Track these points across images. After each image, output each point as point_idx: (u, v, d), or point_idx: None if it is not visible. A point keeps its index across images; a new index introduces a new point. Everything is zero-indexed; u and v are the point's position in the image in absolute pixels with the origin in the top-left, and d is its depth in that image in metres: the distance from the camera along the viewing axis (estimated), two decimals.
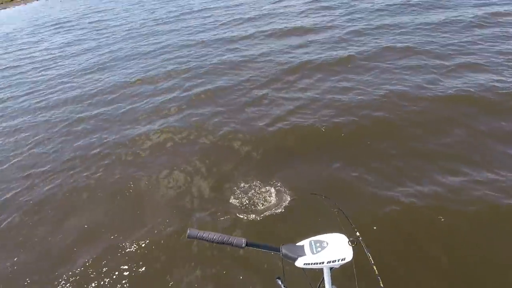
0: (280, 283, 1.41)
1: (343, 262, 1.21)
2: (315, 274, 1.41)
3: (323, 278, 1.42)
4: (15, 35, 18.39)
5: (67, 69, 9.80)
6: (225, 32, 10.26)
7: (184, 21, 12.91)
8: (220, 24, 11.31)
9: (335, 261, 1.21)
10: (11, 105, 7.79)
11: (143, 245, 3.14)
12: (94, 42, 12.56)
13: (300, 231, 2.67)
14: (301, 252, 1.26)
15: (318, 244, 1.25)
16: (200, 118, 5.32)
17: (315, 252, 1.23)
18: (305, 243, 1.29)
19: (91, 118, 6.18)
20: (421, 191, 3.20)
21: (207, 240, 1.21)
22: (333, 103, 5.04)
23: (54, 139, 5.64)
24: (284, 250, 1.27)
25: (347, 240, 1.26)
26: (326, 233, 1.32)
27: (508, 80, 4.82)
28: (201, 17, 13.07)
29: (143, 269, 2.94)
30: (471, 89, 4.72)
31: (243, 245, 1.22)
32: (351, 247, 1.23)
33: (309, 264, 1.23)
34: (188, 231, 1.21)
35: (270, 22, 10.31)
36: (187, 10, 15.06)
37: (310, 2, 11.85)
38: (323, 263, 1.22)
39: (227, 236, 1.23)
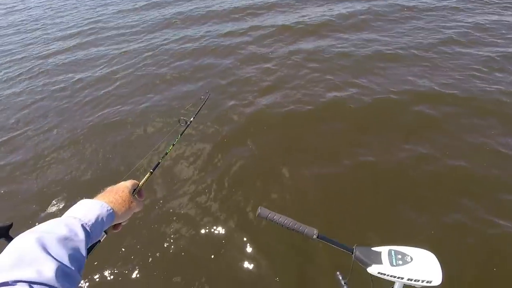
0: (340, 278, 1.30)
1: (428, 285, 1.04)
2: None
3: None
4: None
5: None
6: None
7: None
8: None
9: (418, 281, 1.05)
10: None
11: None
12: None
13: None
14: (377, 259, 1.12)
15: (399, 256, 1.10)
16: None
17: (394, 263, 1.08)
18: (383, 250, 1.14)
19: None
20: None
21: (277, 223, 1.12)
22: None
23: None
24: (357, 252, 1.13)
25: (437, 260, 1.08)
26: (410, 245, 1.15)
27: None
28: None
29: None
30: None
31: (314, 236, 1.11)
32: (440, 269, 1.06)
33: (384, 274, 1.09)
34: (259, 210, 1.13)
35: None
36: None
37: None
38: (401, 278, 1.07)
39: (299, 224, 1.12)
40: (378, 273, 1.10)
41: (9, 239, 0.77)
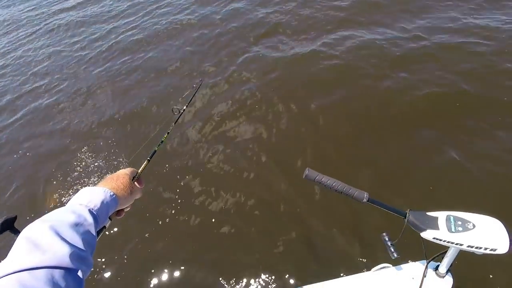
0: (386, 239, 1.27)
1: (491, 253, 0.97)
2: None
3: (444, 253, 1.23)
4: None
5: None
6: None
7: None
8: None
9: (480, 248, 0.98)
10: None
11: None
12: None
13: None
14: (432, 224, 1.06)
15: (459, 222, 1.03)
16: None
17: (453, 230, 1.02)
18: (440, 215, 1.08)
19: None
20: None
21: (325, 186, 1.10)
22: None
23: None
24: (411, 217, 1.09)
25: (504, 228, 0.99)
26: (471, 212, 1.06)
27: None
28: None
29: None
30: None
31: (364, 200, 1.08)
32: (507, 237, 0.97)
33: (440, 240, 1.04)
34: (307, 172, 1.12)
35: None
36: None
37: None
38: (461, 245, 1.01)
39: (348, 186, 1.10)
40: (434, 238, 1.05)
41: (14, 231, 0.78)
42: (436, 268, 1.31)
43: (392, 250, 1.22)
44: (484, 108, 3.01)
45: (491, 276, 1.95)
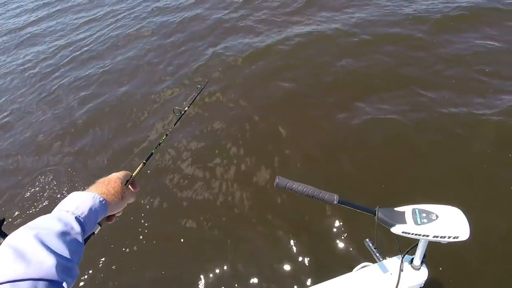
0: (370, 244, 1.31)
1: (455, 240, 1.03)
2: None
3: (416, 246, 1.28)
4: None
5: None
6: None
7: None
8: None
9: (444, 237, 1.04)
10: None
11: None
12: None
13: None
14: (400, 219, 1.11)
15: (424, 215, 1.08)
16: None
17: (419, 222, 1.07)
18: (406, 210, 1.13)
19: None
20: None
21: (297, 192, 1.13)
22: None
23: None
24: (380, 214, 1.13)
25: (464, 216, 1.06)
26: (434, 203, 1.13)
27: None
28: None
29: None
30: None
31: (335, 201, 1.11)
32: (467, 225, 1.04)
33: (408, 233, 1.09)
34: (277, 180, 1.14)
35: None
36: None
37: None
38: (427, 236, 1.06)
39: (319, 190, 1.13)
40: (403, 232, 1.09)
41: (1, 234, 0.76)
42: (411, 261, 1.36)
43: (378, 254, 1.26)
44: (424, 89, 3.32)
45: (460, 262, 2.06)
